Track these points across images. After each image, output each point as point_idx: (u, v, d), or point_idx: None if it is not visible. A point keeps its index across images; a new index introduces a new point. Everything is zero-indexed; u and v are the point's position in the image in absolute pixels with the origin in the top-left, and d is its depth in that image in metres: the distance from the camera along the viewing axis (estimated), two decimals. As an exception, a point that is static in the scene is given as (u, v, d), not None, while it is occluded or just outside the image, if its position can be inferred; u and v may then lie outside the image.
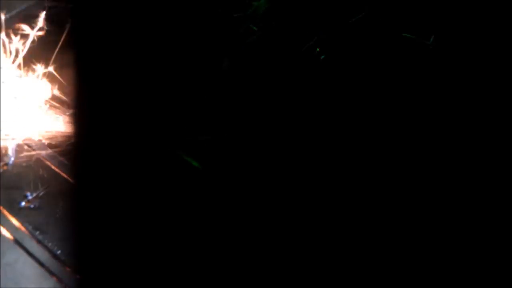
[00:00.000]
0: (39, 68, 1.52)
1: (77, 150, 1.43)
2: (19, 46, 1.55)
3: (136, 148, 1.39)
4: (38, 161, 1.38)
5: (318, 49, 1.35)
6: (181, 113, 1.44)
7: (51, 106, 1.49)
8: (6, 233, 1.26)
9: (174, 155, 1.36)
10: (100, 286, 1.26)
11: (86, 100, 1.49)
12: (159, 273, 1.24)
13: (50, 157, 1.40)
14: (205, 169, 1.34)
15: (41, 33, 1.63)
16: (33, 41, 1.58)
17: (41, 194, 1.33)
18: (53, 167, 1.39)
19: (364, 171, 1.34)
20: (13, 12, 1.78)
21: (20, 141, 1.41)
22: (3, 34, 1.54)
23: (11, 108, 1.44)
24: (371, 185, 1.32)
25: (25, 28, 1.63)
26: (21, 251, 1.24)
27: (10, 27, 1.70)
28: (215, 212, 1.31)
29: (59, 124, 1.45)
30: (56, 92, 1.52)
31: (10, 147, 1.38)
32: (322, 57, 1.36)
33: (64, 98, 1.50)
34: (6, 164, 1.36)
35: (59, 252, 1.26)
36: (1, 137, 1.38)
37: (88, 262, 1.28)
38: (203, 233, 1.29)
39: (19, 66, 1.53)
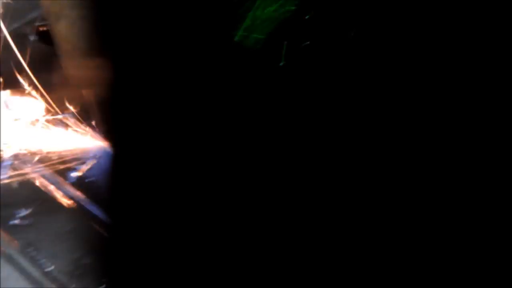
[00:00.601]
0: (31, 85, 1.54)
1: (69, 166, 1.44)
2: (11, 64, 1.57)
3: (130, 162, 1.40)
4: (31, 178, 1.40)
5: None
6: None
7: (43, 123, 1.50)
8: (-1, 249, 1.26)
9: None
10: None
11: (79, 114, 1.51)
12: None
13: (42, 174, 1.41)
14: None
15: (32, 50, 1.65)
16: (24, 59, 1.59)
17: (33, 211, 1.33)
18: (45, 184, 1.40)
19: (358, 170, 1.35)
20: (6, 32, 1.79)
21: (12, 158, 1.41)
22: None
23: (2, 125, 1.45)
24: (367, 185, 1.33)
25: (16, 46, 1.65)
26: (13, 267, 1.25)
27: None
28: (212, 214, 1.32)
29: (51, 141, 1.47)
30: (49, 109, 1.53)
31: (2, 164, 1.39)
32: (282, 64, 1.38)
33: (56, 115, 1.52)
34: (-1, 181, 1.37)
35: (51, 268, 1.26)
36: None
37: (80, 279, 1.28)
38: (198, 239, 1.29)
39: (10, 84, 1.54)
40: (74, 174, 1.44)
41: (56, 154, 1.46)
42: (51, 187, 1.39)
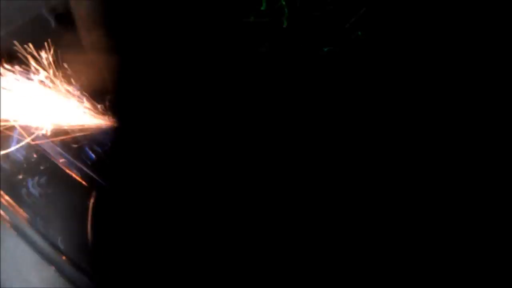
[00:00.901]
0: (50, 67, 1.56)
1: (82, 144, 1.45)
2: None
3: (139, 141, 1.40)
4: (40, 150, 1.40)
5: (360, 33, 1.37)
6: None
7: (54, 95, 1.51)
8: (6, 219, 1.27)
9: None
10: (99, 276, 1.26)
11: (96, 95, 1.52)
12: (159, 268, 1.23)
13: (52, 147, 1.41)
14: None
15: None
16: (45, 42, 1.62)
17: (42, 182, 1.34)
18: (57, 159, 1.40)
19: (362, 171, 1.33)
20: (27, 19, 1.83)
21: (21, 129, 1.42)
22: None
23: (11, 96, 1.46)
24: (369, 185, 1.31)
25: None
26: (21, 237, 1.25)
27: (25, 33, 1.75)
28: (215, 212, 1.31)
29: (61, 114, 1.47)
30: (67, 90, 1.54)
31: (11, 135, 1.40)
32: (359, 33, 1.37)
33: (67, 87, 1.53)
34: (8, 152, 1.38)
35: (58, 240, 1.26)
36: (2, 125, 1.41)
37: (87, 252, 1.28)
38: (202, 234, 1.28)
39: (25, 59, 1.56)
40: (87, 152, 1.44)
41: (70, 131, 1.46)
42: (63, 163, 1.40)
